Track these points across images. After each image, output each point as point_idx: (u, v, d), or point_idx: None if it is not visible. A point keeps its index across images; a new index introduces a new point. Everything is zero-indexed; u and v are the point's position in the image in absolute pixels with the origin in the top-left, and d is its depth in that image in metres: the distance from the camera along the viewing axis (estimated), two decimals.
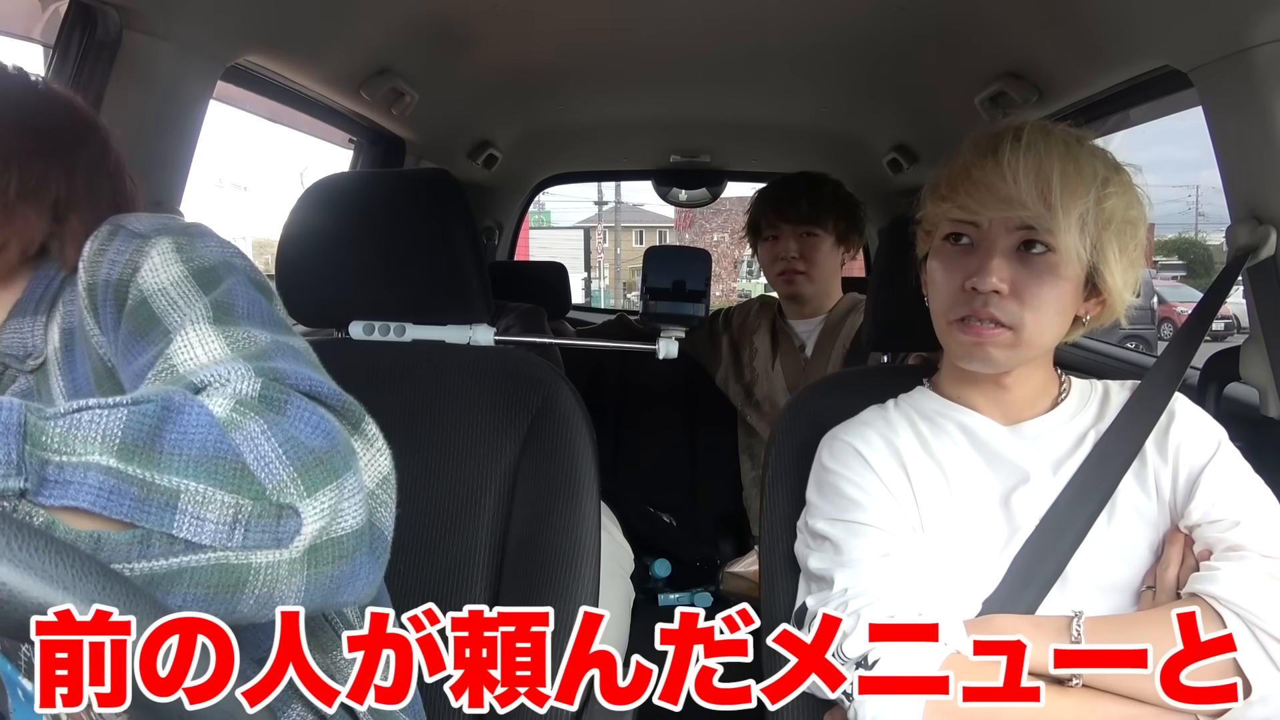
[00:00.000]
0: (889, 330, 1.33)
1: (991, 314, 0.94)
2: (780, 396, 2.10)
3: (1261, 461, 0.98)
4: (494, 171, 2.73)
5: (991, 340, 0.95)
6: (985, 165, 0.94)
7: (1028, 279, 0.94)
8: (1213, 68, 1.19)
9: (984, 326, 0.95)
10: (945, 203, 0.97)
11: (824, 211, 2.06)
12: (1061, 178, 0.91)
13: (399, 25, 1.72)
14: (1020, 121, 0.95)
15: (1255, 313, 1.24)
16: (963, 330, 0.97)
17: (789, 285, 2.10)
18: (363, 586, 0.67)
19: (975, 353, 0.97)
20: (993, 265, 0.93)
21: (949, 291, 0.98)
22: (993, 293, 0.93)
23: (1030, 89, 1.69)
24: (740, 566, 2.01)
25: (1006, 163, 0.91)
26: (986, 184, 0.93)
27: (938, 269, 1.00)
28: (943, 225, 1.00)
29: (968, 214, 0.96)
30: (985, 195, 0.93)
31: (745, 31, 1.79)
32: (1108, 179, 0.93)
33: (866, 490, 1.00)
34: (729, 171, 3.26)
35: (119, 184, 0.92)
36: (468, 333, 1.34)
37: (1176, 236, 26.92)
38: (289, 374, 0.68)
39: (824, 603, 0.95)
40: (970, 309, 0.95)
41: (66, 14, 1.27)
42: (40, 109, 0.88)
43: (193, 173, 1.50)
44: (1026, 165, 0.91)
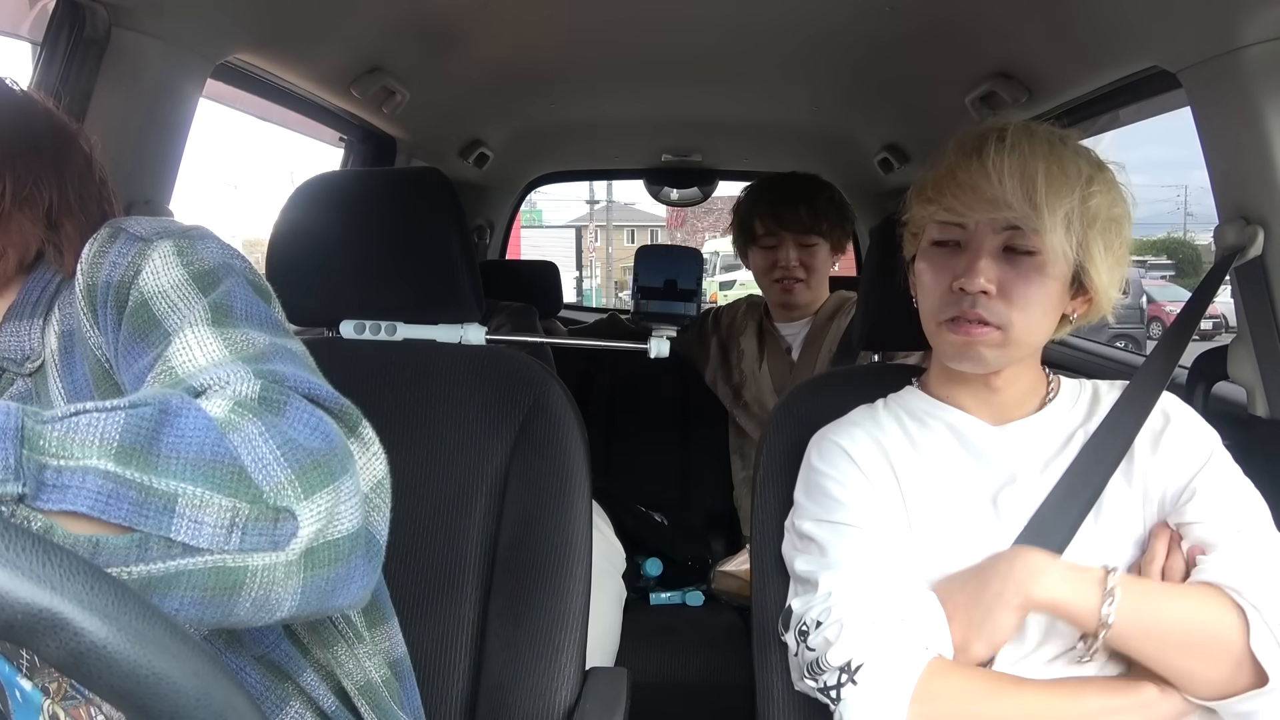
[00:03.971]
0: (880, 330, 1.33)
1: (980, 314, 0.95)
2: (768, 398, 2.10)
3: (1249, 460, 0.99)
4: (485, 170, 2.73)
5: (981, 340, 0.95)
6: (970, 166, 0.94)
7: (1015, 279, 0.94)
8: (1201, 69, 1.20)
9: (973, 326, 0.95)
10: (931, 205, 0.98)
11: (823, 219, 2.05)
12: (1046, 177, 0.91)
13: (390, 23, 1.72)
14: (1004, 122, 0.96)
15: (1243, 312, 1.24)
16: (952, 330, 0.97)
17: (787, 293, 2.08)
18: (357, 590, 0.67)
19: (965, 352, 0.97)
20: (980, 266, 0.94)
21: (937, 293, 0.98)
22: (980, 293, 0.94)
23: (1020, 89, 1.70)
24: (732, 565, 2.02)
25: (991, 163, 0.92)
26: (972, 185, 0.93)
27: (926, 270, 1.00)
28: (930, 228, 1.00)
29: (954, 216, 0.96)
30: (971, 197, 0.94)
31: (737, 31, 1.79)
32: (1091, 177, 0.94)
33: (853, 491, 1.00)
34: (720, 171, 3.27)
35: (104, 190, 0.92)
36: (459, 332, 1.34)
37: (1165, 236, 27.06)
38: (287, 376, 0.68)
39: (808, 606, 0.95)
40: (959, 310, 0.96)
41: (54, 11, 1.26)
42: (24, 117, 0.87)
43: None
44: (1011, 165, 0.91)
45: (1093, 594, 0.87)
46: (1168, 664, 0.87)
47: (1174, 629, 0.87)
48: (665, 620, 2.00)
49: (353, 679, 0.88)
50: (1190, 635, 0.86)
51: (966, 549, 0.97)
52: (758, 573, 1.13)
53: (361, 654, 0.90)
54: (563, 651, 1.12)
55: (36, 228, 0.85)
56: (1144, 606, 0.87)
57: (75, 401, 0.63)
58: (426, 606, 1.15)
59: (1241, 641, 0.84)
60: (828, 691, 0.91)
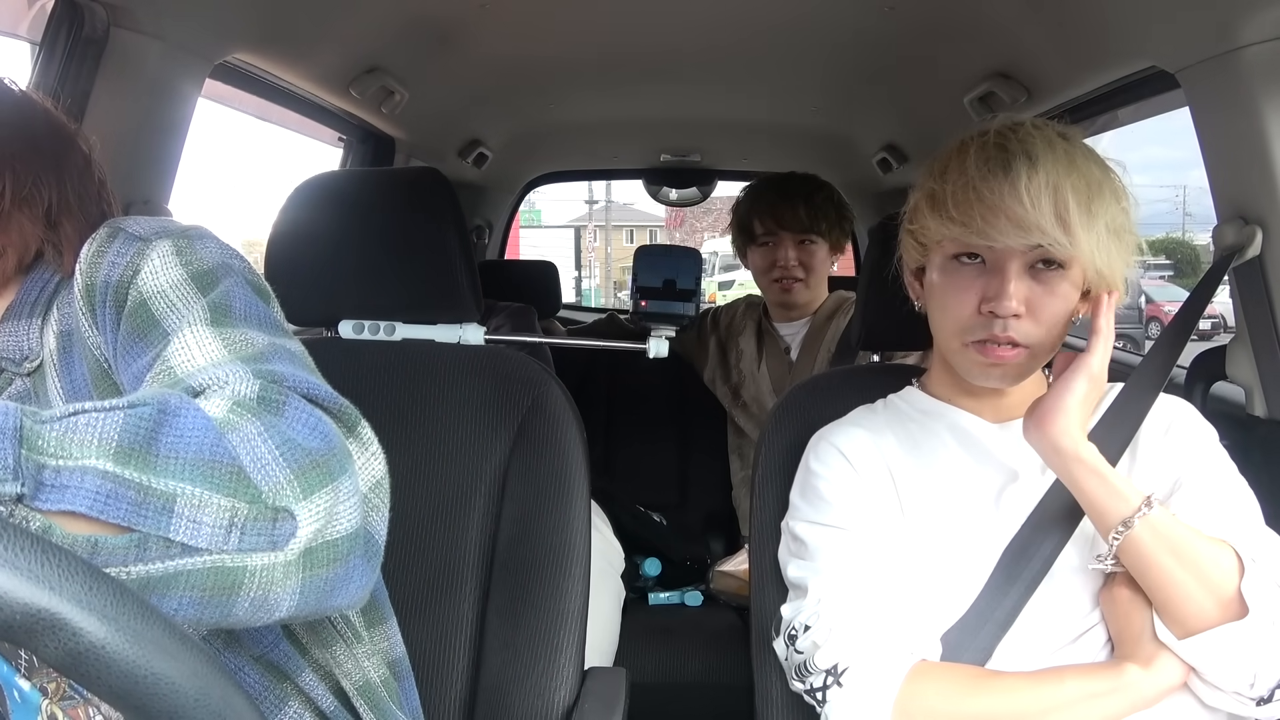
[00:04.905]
0: (878, 330, 1.33)
1: (1011, 337, 0.93)
2: (766, 399, 2.10)
3: (1247, 459, 0.99)
4: (484, 170, 2.73)
5: (1009, 361, 0.94)
6: (995, 185, 0.90)
7: (1042, 295, 0.93)
8: (1199, 69, 1.20)
9: (1002, 350, 0.94)
10: (954, 224, 0.93)
11: (822, 219, 2.05)
12: (1075, 195, 0.89)
13: (389, 23, 1.72)
14: (1012, 121, 0.94)
15: (1241, 312, 1.24)
16: (979, 352, 0.95)
17: (785, 293, 2.09)
18: (356, 590, 0.67)
19: (990, 373, 0.96)
20: (1010, 290, 0.91)
21: (963, 313, 0.95)
22: (1011, 316, 0.92)
23: (1019, 89, 1.70)
24: (730, 565, 2.02)
25: (1024, 185, 0.89)
26: (1002, 208, 0.89)
27: (947, 287, 0.97)
28: (948, 243, 0.97)
29: (984, 239, 0.92)
30: (1000, 220, 0.90)
31: (736, 31, 1.79)
32: (1103, 184, 0.92)
33: (847, 493, 1.00)
34: (719, 171, 3.27)
35: (103, 189, 0.92)
36: (458, 332, 1.34)
37: (1164, 236, 27.06)
38: (286, 376, 0.68)
39: (798, 612, 0.96)
40: (989, 333, 0.93)
41: (53, 11, 1.26)
42: (23, 117, 0.87)
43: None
44: (1041, 185, 0.89)
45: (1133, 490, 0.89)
46: (1173, 576, 0.87)
47: (1188, 545, 0.87)
48: (664, 620, 2.00)
49: (351, 679, 0.88)
50: (1199, 553, 0.87)
51: (968, 548, 0.97)
52: (756, 573, 1.13)
53: (360, 654, 0.90)
54: (561, 651, 1.12)
55: (36, 227, 0.85)
56: (1168, 516, 0.88)
57: (74, 401, 0.63)
58: (425, 606, 1.15)
59: (1234, 582, 0.85)
60: (814, 693, 0.92)
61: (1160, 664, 0.88)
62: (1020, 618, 0.94)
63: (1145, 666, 0.88)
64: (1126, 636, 0.91)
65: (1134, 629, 0.90)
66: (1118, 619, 0.92)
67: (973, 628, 0.95)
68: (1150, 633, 0.88)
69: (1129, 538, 0.88)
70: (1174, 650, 0.87)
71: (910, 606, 0.94)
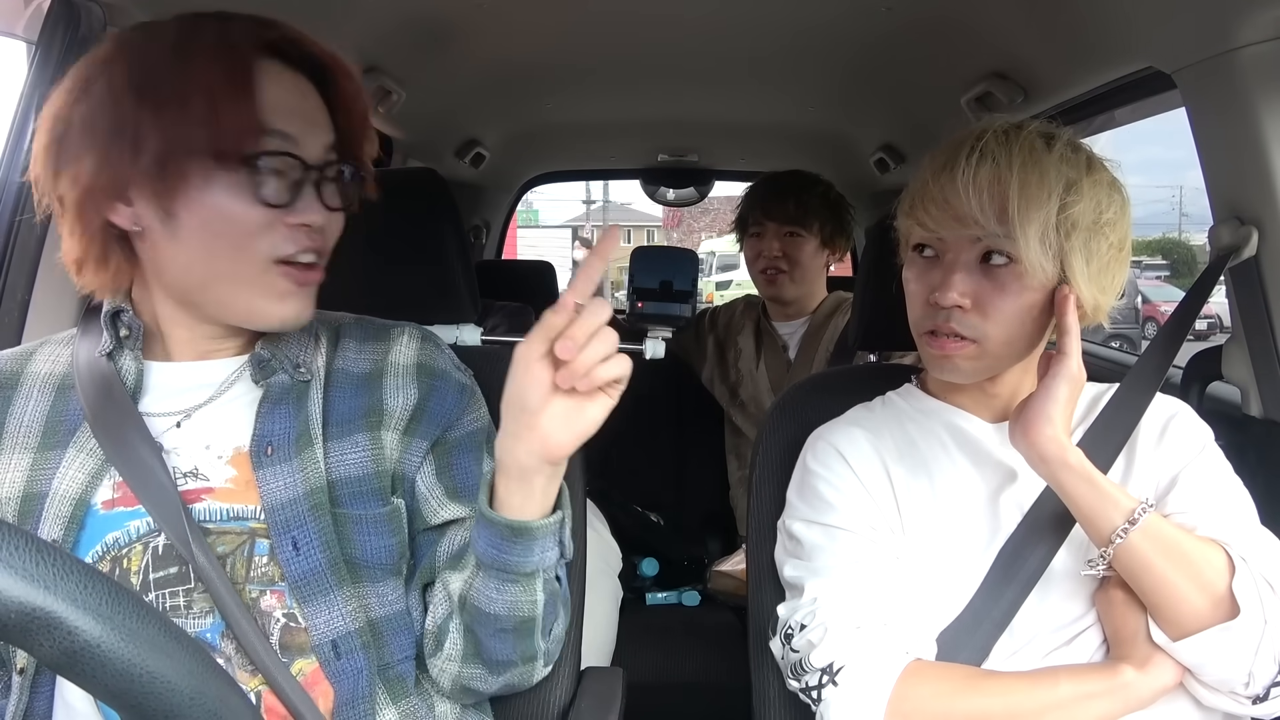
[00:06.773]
0: (876, 330, 1.33)
1: (953, 329, 0.94)
2: (765, 398, 2.11)
3: (1243, 460, 0.99)
4: (482, 170, 2.73)
5: (957, 353, 0.95)
6: (942, 180, 0.93)
7: (990, 291, 0.93)
8: (1196, 69, 1.20)
9: (947, 341, 0.95)
10: (908, 219, 0.98)
11: (810, 213, 2.06)
12: (1020, 189, 0.89)
13: (386, 24, 1.71)
14: (984, 126, 0.94)
15: (1237, 312, 1.25)
16: (930, 343, 0.97)
17: (771, 285, 2.11)
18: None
19: (943, 365, 0.98)
20: (953, 280, 0.93)
21: (918, 304, 0.99)
22: (955, 308, 0.94)
23: (1016, 89, 1.70)
24: (728, 565, 2.02)
25: (960, 178, 0.91)
26: (944, 201, 0.93)
27: (910, 280, 1.01)
28: (912, 237, 1.00)
29: (928, 232, 0.96)
30: (942, 213, 0.93)
31: (733, 31, 1.79)
32: (1073, 183, 0.91)
33: (844, 492, 1.00)
34: (716, 171, 3.27)
35: None
36: (454, 332, 1.34)
37: (1160, 236, 27.10)
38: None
39: (794, 611, 0.96)
40: (934, 324, 0.96)
41: (49, 10, 1.26)
42: None
43: None
44: (981, 180, 0.90)
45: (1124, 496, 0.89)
46: (1166, 579, 0.87)
47: (1179, 547, 0.87)
48: (661, 620, 2.01)
49: None
50: (1190, 555, 0.87)
51: (964, 548, 0.98)
52: (753, 572, 1.13)
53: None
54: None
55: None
56: (1158, 520, 0.89)
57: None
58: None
59: (1225, 581, 0.86)
60: (809, 692, 0.92)
61: (1155, 665, 0.88)
62: (1015, 618, 0.95)
63: (1140, 668, 0.88)
64: (1121, 638, 0.91)
65: (1129, 630, 0.90)
66: (1113, 620, 0.92)
67: (968, 628, 0.95)
68: (1145, 634, 0.89)
69: (1121, 543, 0.88)
70: (1169, 652, 0.87)
71: (906, 606, 0.94)
